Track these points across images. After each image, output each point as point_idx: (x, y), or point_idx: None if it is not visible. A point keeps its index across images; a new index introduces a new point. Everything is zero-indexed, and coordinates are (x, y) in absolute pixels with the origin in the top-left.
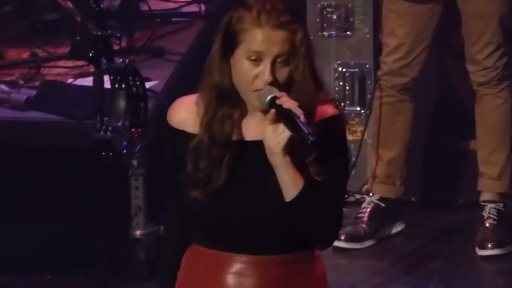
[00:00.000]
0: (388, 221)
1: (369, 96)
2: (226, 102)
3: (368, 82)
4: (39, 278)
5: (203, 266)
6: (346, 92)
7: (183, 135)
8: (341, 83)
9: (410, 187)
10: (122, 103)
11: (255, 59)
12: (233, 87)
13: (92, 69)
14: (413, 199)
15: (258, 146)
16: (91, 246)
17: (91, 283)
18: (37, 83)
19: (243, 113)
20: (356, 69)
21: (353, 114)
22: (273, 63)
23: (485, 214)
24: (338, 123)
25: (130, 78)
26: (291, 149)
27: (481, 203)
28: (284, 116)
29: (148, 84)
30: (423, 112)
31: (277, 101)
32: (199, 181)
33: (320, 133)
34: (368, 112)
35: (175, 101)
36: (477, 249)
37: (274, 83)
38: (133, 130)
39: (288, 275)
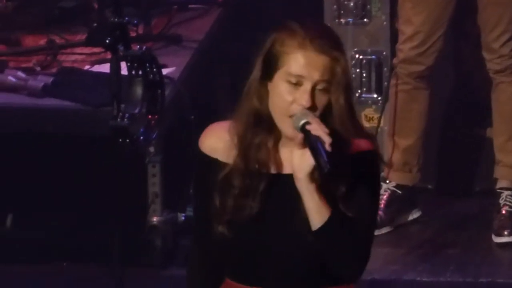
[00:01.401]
0: (404, 208)
1: (385, 83)
2: (263, 129)
3: (385, 69)
4: (56, 266)
5: None
6: (363, 79)
7: (215, 164)
8: (358, 70)
9: (426, 174)
10: (139, 90)
11: (296, 83)
12: (270, 114)
13: (109, 56)
14: (429, 186)
15: (290, 179)
16: (107, 233)
17: (107, 270)
18: (53, 70)
19: (277, 142)
20: (373, 56)
21: (369, 101)
22: (313, 89)
23: (501, 201)
24: (373, 159)
25: (147, 65)
26: (322, 179)
27: (497, 190)
28: (310, 142)
29: (165, 71)
30: (439, 100)
31: (307, 127)
32: (227, 214)
33: (355, 166)
34: (384, 99)
35: (206, 128)
36: (493, 236)
37: (311, 108)
38: (150, 117)
39: None
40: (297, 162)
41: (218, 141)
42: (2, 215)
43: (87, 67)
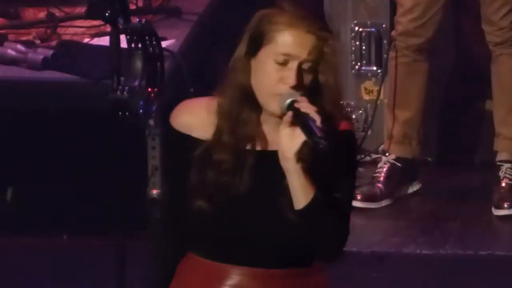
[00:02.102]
0: (404, 181)
1: (385, 55)
2: (249, 105)
3: (385, 41)
4: (56, 238)
5: (200, 277)
6: (363, 52)
7: (189, 140)
8: (357, 43)
9: (426, 147)
10: (138, 63)
11: (282, 62)
12: (252, 90)
13: (108, 29)
14: (429, 159)
15: (274, 156)
16: (107, 206)
17: (107, 242)
18: (53, 43)
19: (259, 119)
20: (373, 29)
21: (369, 74)
22: (299, 68)
23: (501, 174)
24: (352, 138)
25: (147, 38)
26: (305, 157)
27: (497, 163)
28: (300, 120)
29: (164, 44)
30: (439, 73)
31: (296, 104)
32: (207, 189)
33: (334, 145)
34: (384, 72)
35: (179, 104)
36: (493, 209)
37: (297, 87)
38: (149, 90)
39: None
40: (285, 141)
41: (192, 118)
42: (3, 188)
43: (86, 40)
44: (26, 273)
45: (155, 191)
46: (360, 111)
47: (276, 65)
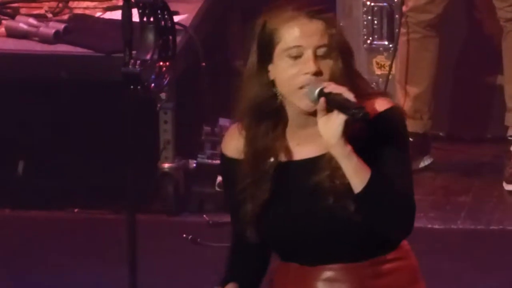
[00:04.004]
0: (415, 155)
1: (397, 30)
2: (268, 115)
3: (396, 16)
4: (67, 212)
5: (292, 278)
6: (375, 27)
7: (239, 164)
8: (369, 17)
9: (438, 122)
10: (150, 37)
11: (296, 55)
12: (273, 99)
13: (120, 2)
14: (441, 133)
15: (301, 165)
16: (119, 179)
17: (119, 216)
18: (65, 17)
19: (284, 130)
20: (384, 4)
21: (381, 48)
22: (314, 55)
23: None
24: (396, 115)
25: (159, 11)
26: (353, 137)
27: (508, 137)
28: (334, 101)
29: (176, 18)
30: (451, 48)
31: (325, 90)
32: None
33: (379, 126)
34: (395, 46)
35: (227, 132)
36: (504, 183)
37: (318, 73)
38: (161, 63)
39: (380, 276)
40: (324, 129)
41: (238, 142)
42: (14, 161)
43: (98, 14)
44: (36, 247)
45: (166, 165)
46: (372, 85)
47: (291, 60)
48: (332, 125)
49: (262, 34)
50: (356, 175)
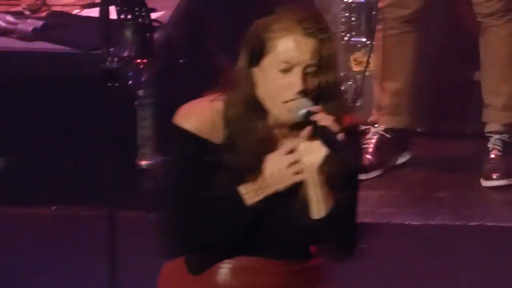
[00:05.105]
0: (394, 151)
1: (374, 26)
2: (253, 115)
3: (374, 13)
4: (45, 209)
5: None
6: (353, 23)
7: (205, 144)
8: (347, 14)
9: (416, 117)
10: (128, 34)
11: (285, 69)
12: (259, 99)
13: (98, 0)
14: (419, 129)
15: None
16: (97, 176)
17: (97, 213)
18: (43, 14)
19: (270, 127)
20: (362, 0)
21: (359, 45)
22: (303, 72)
23: (490, 145)
24: (356, 138)
25: (136, 8)
26: (326, 169)
27: (486, 134)
28: (322, 134)
29: (154, 15)
30: (429, 43)
31: (313, 118)
32: (222, 191)
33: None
34: (373, 42)
35: (185, 106)
36: (482, 180)
37: (304, 92)
38: (139, 60)
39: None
40: (305, 153)
41: (204, 122)
42: None
43: (76, 11)
44: (15, 245)
45: (145, 162)
46: (350, 82)
47: (280, 73)
48: (313, 154)
49: (254, 38)
50: (321, 203)
